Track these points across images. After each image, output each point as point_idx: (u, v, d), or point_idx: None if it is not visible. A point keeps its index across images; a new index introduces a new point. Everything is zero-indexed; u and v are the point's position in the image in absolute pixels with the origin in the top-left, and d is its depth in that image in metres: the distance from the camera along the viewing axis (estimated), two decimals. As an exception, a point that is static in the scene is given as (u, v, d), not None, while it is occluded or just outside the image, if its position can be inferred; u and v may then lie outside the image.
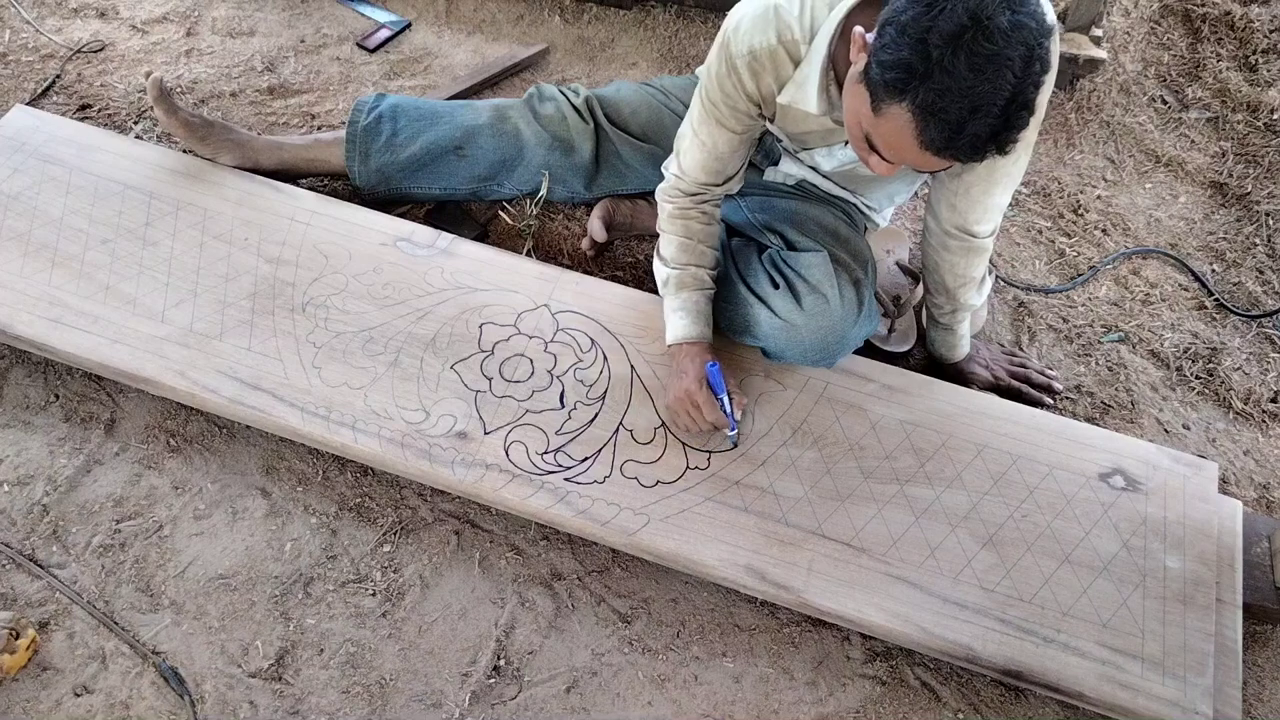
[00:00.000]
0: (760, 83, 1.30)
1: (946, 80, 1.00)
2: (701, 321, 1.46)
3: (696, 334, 1.45)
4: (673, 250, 1.47)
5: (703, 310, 1.47)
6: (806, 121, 1.34)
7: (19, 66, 2.05)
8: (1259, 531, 1.46)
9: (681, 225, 1.47)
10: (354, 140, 1.73)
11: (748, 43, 1.27)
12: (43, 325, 1.52)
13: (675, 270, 1.47)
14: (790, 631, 1.42)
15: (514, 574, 1.45)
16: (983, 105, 1.01)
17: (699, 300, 1.47)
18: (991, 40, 0.98)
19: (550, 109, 1.74)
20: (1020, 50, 1.00)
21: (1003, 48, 0.99)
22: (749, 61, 1.28)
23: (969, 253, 1.46)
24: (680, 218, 1.47)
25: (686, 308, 1.46)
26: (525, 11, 2.25)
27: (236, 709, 1.32)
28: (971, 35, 0.98)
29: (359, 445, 1.43)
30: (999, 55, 0.99)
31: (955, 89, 1.00)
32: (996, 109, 1.02)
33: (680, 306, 1.46)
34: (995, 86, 1.00)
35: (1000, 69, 1.00)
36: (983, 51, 0.99)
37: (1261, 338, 1.80)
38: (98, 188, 1.69)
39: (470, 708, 1.33)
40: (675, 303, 1.47)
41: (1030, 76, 1.02)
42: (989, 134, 1.04)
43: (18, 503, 1.47)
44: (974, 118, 1.02)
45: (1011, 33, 0.99)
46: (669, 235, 1.48)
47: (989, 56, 0.99)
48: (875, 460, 1.46)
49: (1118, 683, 1.29)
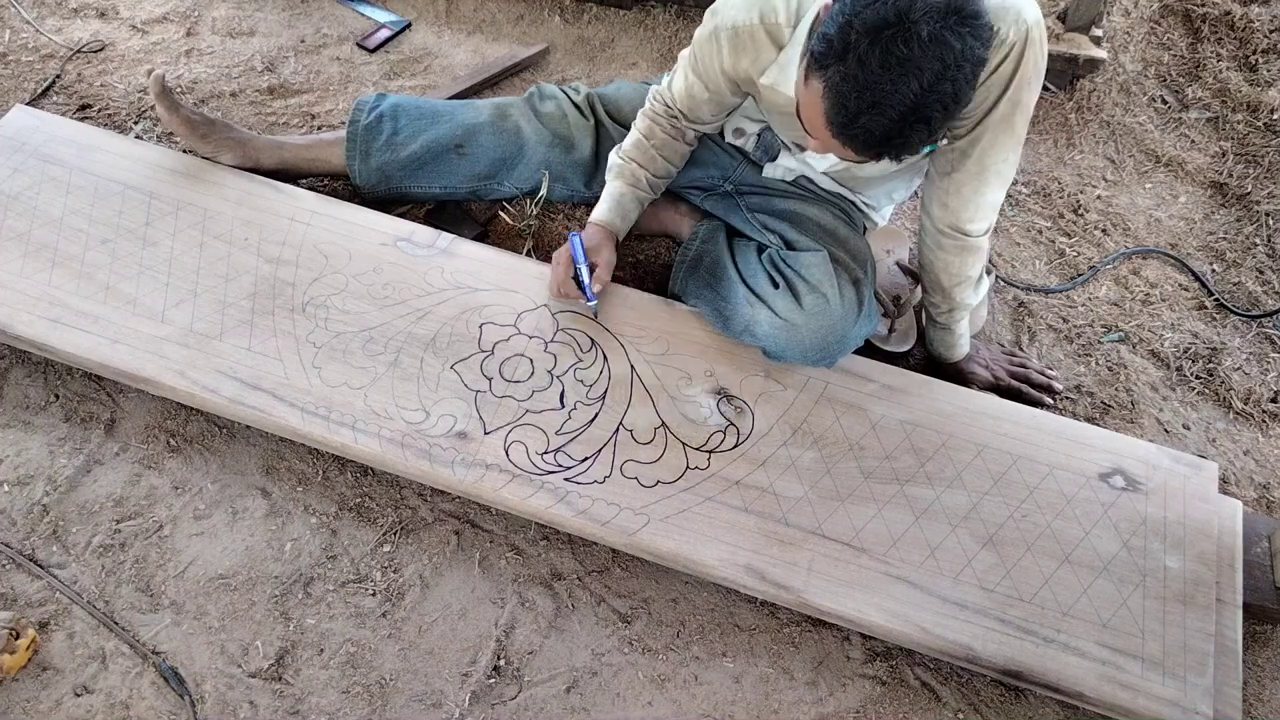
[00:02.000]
0: (737, 61, 1.34)
1: (856, 68, 1.03)
2: (615, 212, 1.56)
3: (604, 220, 1.56)
4: (629, 144, 1.58)
5: (622, 202, 1.56)
6: (788, 105, 1.36)
7: (19, 66, 2.05)
8: (1259, 531, 1.46)
9: (647, 125, 1.56)
10: (354, 139, 1.73)
11: (731, 18, 1.31)
12: (43, 325, 1.52)
13: (620, 161, 1.58)
14: (790, 631, 1.42)
15: (514, 574, 1.45)
16: (881, 103, 1.03)
17: (624, 193, 1.56)
18: (908, 44, 1.00)
19: (551, 107, 1.75)
20: (934, 65, 1.01)
21: (917, 56, 1.00)
22: (730, 36, 1.32)
23: (963, 251, 1.46)
24: (649, 118, 1.56)
25: (610, 195, 1.57)
26: (525, 11, 2.25)
27: (236, 709, 1.32)
28: (891, 34, 1.00)
29: (359, 445, 1.43)
30: (909, 61, 1.01)
31: (861, 78, 1.03)
32: (894, 112, 1.04)
33: (608, 194, 1.57)
34: (897, 90, 1.02)
35: (907, 75, 1.01)
36: (896, 53, 1.01)
37: (1261, 338, 1.80)
38: (98, 188, 1.69)
39: (470, 708, 1.33)
40: (608, 190, 1.58)
41: (936, 94, 1.03)
42: (881, 134, 1.06)
43: (18, 503, 1.47)
44: (870, 112, 1.04)
45: (930, 44, 1.00)
46: (634, 129, 1.58)
47: (900, 59, 1.01)
48: (875, 460, 1.46)
49: (1118, 683, 1.29)
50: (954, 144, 1.35)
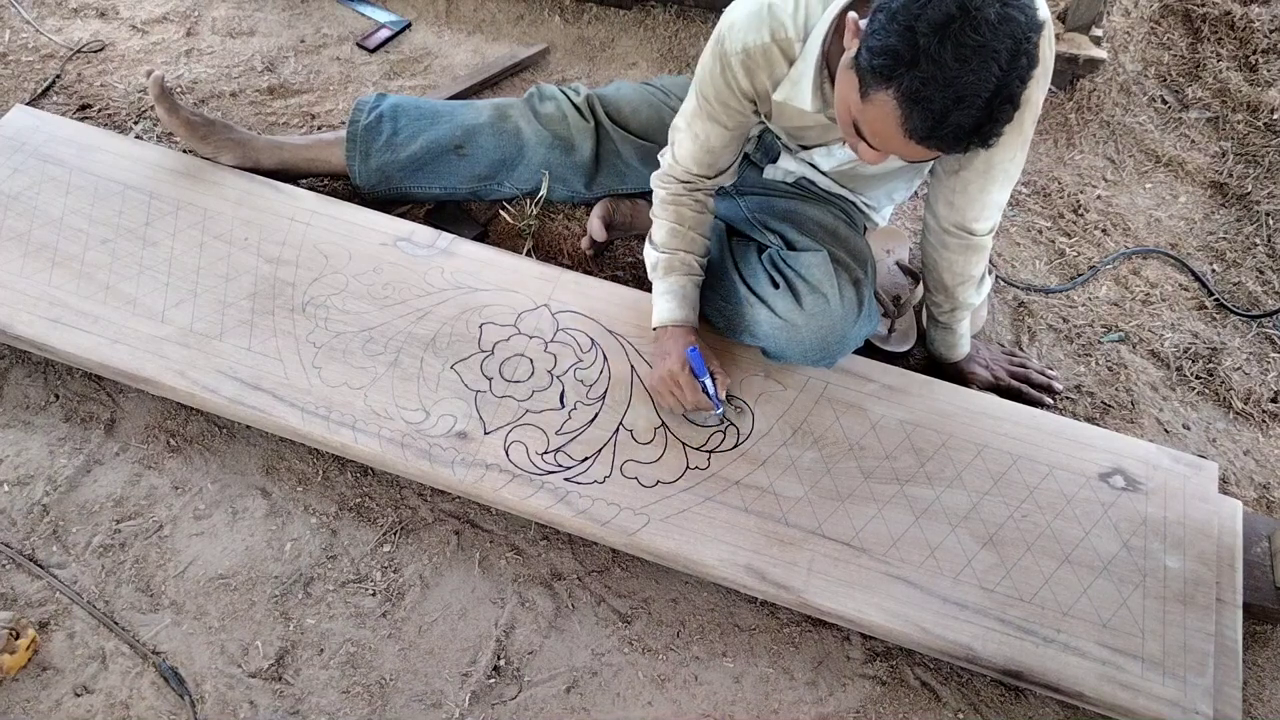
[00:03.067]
0: (754, 80, 1.31)
1: (932, 69, 1.01)
2: (686, 306, 1.48)
3: (681, 317, 1.47)
4: (663, 235, 1.49)
5: (688, 295, 1.49)
6: (802, 118, 1.35)
7: (19, 66, 2.05)
8: (1259, 531, 1.46)
9: (673, 211, 1.48)
10: (354, 139, 1.73)
11: (741, 41, 1.28)
12: (43, 325, 1.52)
13: (664, 255, 1.49)
14: (790, 631, 1.42)
15: (514, 574, 1.45)
16: (967, 96, 1.02)
17: (685, 285, 1.49)
18: (978, 31, 0.99)
19: (550, 108, 1.75)
20: (1007, 43, 1.00)
21: (989, 39, 0.99)
22: (743, 60, 1.29)
23: (967, 250, 1.46)
24: (672, 203, 1.48)
25: (673, 291, 1.48)
26: (525, 11, 2.25)
27: (236, 709, 1.32)
28: (959, 25, 0.99)
29: (359, 445, 1.43)
30: (985, 47, 0.99)
31: (940, 78, 1.01)
32: (981, 100, 1.02)
33: (667, 290, 1.48)
34: (980, 78, 1.01)
35: (986, 60, 1.00)
36: (969, 42, 0.99)
37: (1261, 338, 1.80)
38: (98, 188, 1.69)
39: (470, 708, 1.33)
40: (662, 286, 1.49)
41: (1016, 70, 1.02)
42: (972, 125, 1.05)
43: (18, 503, 1.47)
44: (958, 108, 1.03)
45: (999, 25, 0.99)
46: (660, 220, 1.50)
47: (975, 48, 0.99)
48: (875, 460, 1.46)
49: (1118, 683, 1.29)
50: None
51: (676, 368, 1.43)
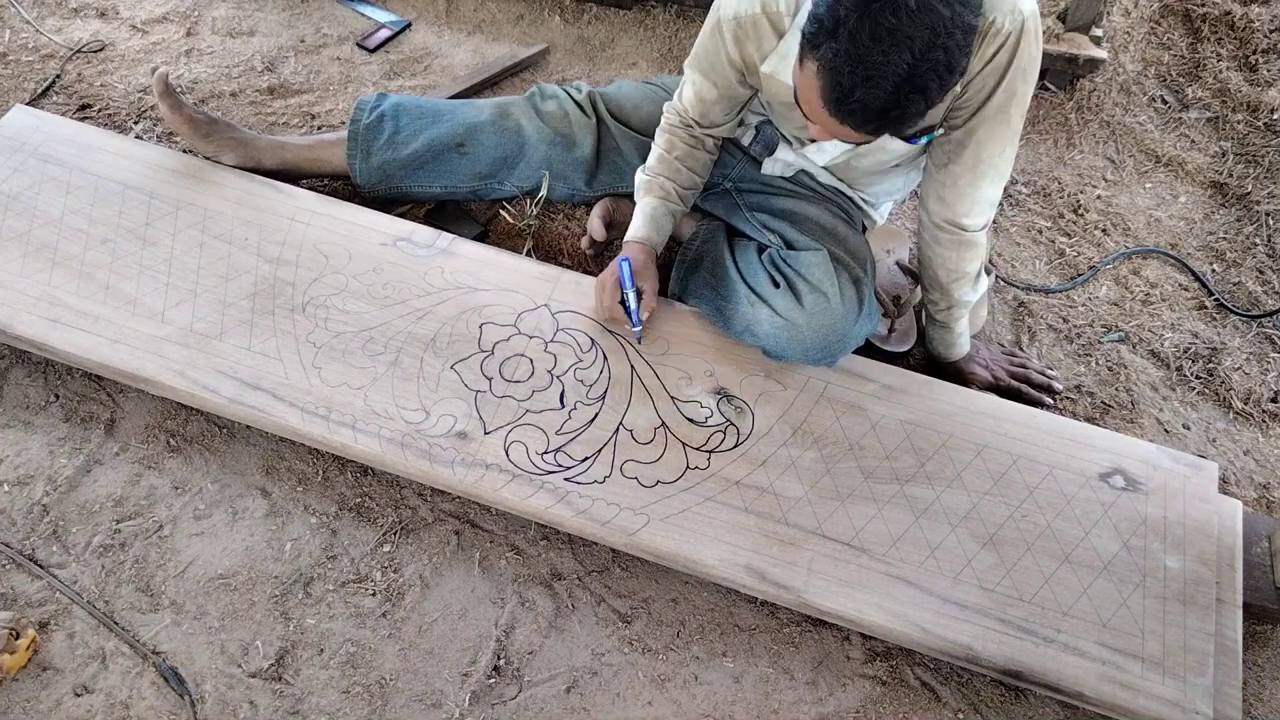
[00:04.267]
0: (743, 50, 1.35)
1: (848, 43, 1.04)
2: (649, 226, 1.54)
3: (641, 236, 1.54)
4: (653, 159, 1.57)
5: (656, 217, 1.55)
6: (789, 94, 1.36)
7: (19, 66, 2.05)
8: (1259, 531, 1.46)
9: (667, 139, 1.55)
10: (356, 138, 1.73)
11: (733, 9, 1.32)
12: (43, 325, 1.52)
13: (647, 177, 1.57)
14: (790, 631, 1.42)
15: (514, 574, 1.45)
16: (874, 76, 1.04)
17: (656, 207, 1.55)
18: (896, 15, 1.01)
19: (552, 106, 1.75)
20: (924, 33, 1.02)
21: (905, 25, 1.01)
22: (733, 27, 1.33)
23: (960, 246, 1.46)
24: (668, 132, 1.55)
25: (643, 210, 1.55)
26: (525, 11, 2.25)
27: (236, 709, 1.32)
28: (879, 5, 1.02)
29: (359, 445, 1.43)
30: (899, 31, 1.02)
31: (853, 53, 1.04)
32: (889, 84, 1.05)
33: (640, 209, 1.56)
34: (890, 60, 1.03)
35: (898, 44, 1.02)
36: (885, 24, 1.02)
37: (1261, 338, 1.80)
38: (98, 188, 1.69)
39: (470, 708, 1.33)
40: (638, 206, 1.57)
41: (929, 62, 1.04)
42: (878, 107, 1.07)
43: (18, 503, 1.47)
44: (865, 85, 1.05)
45: (918, 13, 1.01)
46: (655, 145, 1.57)
47: (890, 29, 1.02)
48: (875, 460, 1.46)
49: (1118, 683, 1.29)
50: (950, 135, 1.35)
51: (609, 273, 1.52)
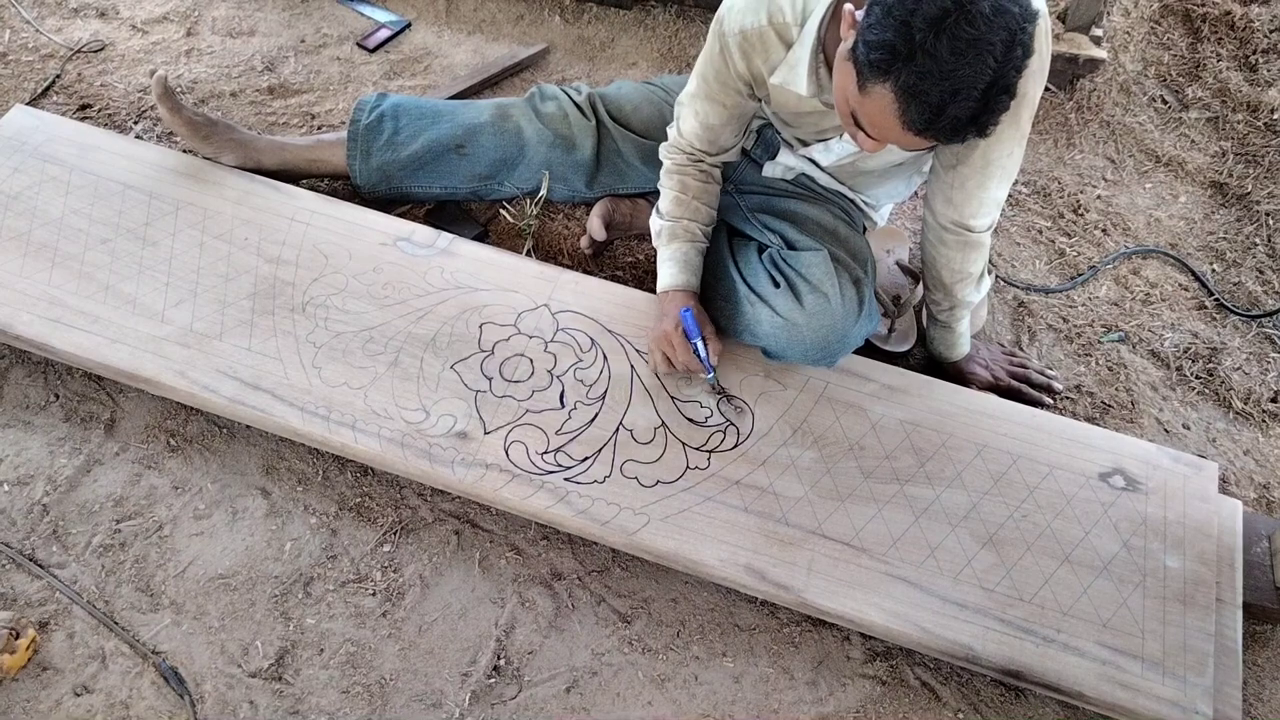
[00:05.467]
0: (750, 63, 1.34)
1: (928, 63, 1.02)
2: (688, 271, 1.51)
3: (682, 283, 1.50)
4: (668, 204, 1.53)
5: (690, 261, 1.52)
6: (799, 103, 1.37)
7: (19, 66, 2.05)
8: (1259, 531, 1.46)
9: (678, 180, 1.52)
10: (355, 138, 1.73)
11: (739, 23, 1.31)
12: (43, 325, 1.52)
13: (668, 223, 1.52)
14: (790, 631, 1.42)
15: (514, 574, 1.45)
16: (963, 89, 1.03)
17: (688, 251, 1.52)
18: (973, 25, 1.00)
19: (552, 107, 1.75)
20: (1002, 35, 1.01)
21: (984, 32, 1.00)
22: (740, 41, 1.32)
23: (965, 247, 1.46)
24: (677, 173, 1.52)
25: (675, 258, 1.51)
26: (525, 11, 2.25)
27: (236, 709, 1.32)
28: (954, 19, 1.00)
29: (359, 445, 1.43)
30: (980, 40, 1.01)
31: (936, 72, 1.02)
32: (977, 93, 1.04)
33: (670, 257, 1.52)
34: (976, 70, 1.02)
35: (981, 53, 1.01)
36: (964, 36, 1.00)
37: (1261, 338, 1.80)
38: (98, 188, 1.69)
39: (470, 708, 1.33)
40: (666, 253, 1.53)
41: (1011, 61, 1.03)
42: (969, 117, 1.06)
43: (18, 503, 1.47)
44: (954, 100, 1.04)
45: (994, 18, 1.00)
46: (666, 189, 1.53)
47: (970, 41, 1.00)
48: (875, 460, 1.46)
49: (1118, 682, 1.29)
50: None
51: (670, 327, 1.47)
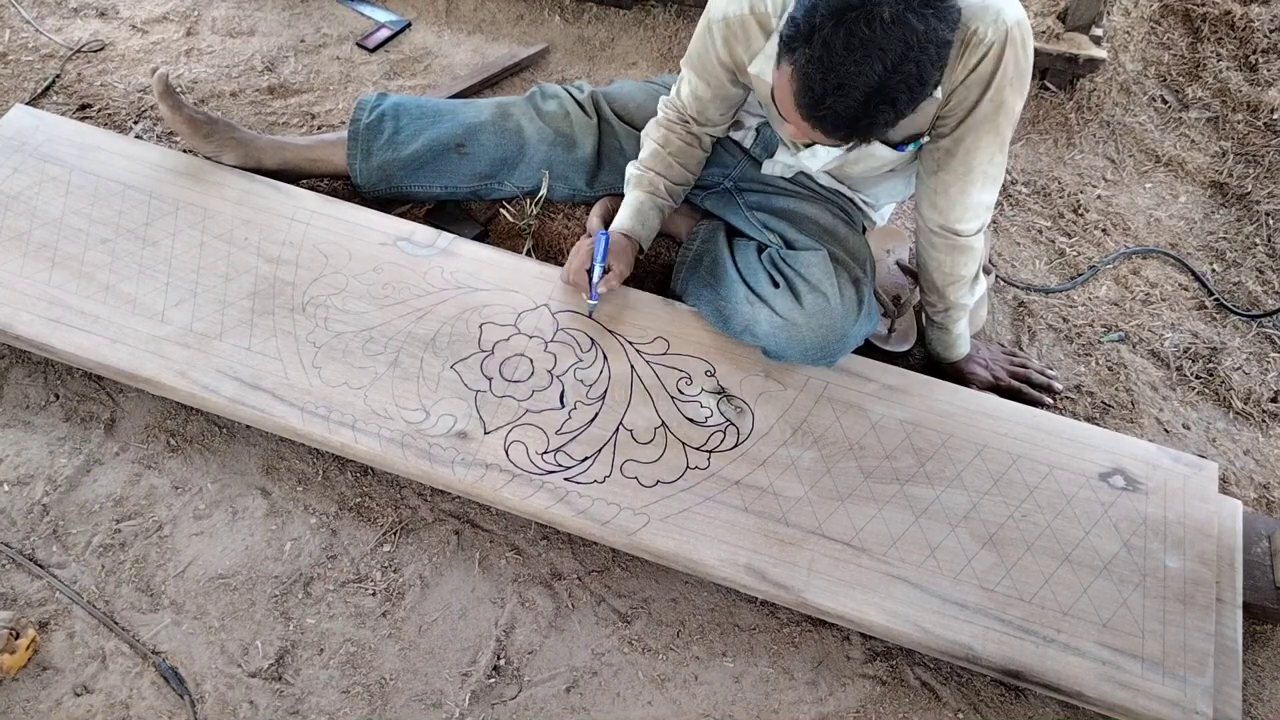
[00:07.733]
0: (732, 50, 1.36)
1: (821, 50, 1.05)
2: (636, 220, 1.55)
3: (626, 228, 1.55)
4: (645, 154, 1.58)
5: (642, 211, 1.56)
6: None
7: (19, 66, 2.05)
8: (1259, 531, 1.46)
9: (663, 134, 1.56)
10: (356, 138, 1.73)
11: (722, 10, 1.33)
12: (43, 325, 1.52)
13: (637, 171, 1.58)
14: (790, 631, 1.42)
15: (514, 574, 1.45)
16: (846, 85, 1.06)
17: (644, 202, 1.56)
18: (870, 26, 1.02)
19: (553, 106, 1.75)
20: (897, 45, 1.03)
21: (879, 37, 1.03)
22: (722, 28, 1.34)
23: (954, 251, 1.46)
24: (664, 127, 1.56)
25: (631, 204, 1.57)
26: (525, 11, 2.25)
27: (236, 709, 1.32)
28: (854, 15, 1.03)
29: (359, 445, 1.43)
30: (873, 42, 1.03)
31: (826, 61, 1.05)
32: (859, 94, 1.06)
33: (627, 203, 1.58)
34: (862, 70, 1.04)
35: (870, 55, 1.03)
36: (859, 34, 1.03)
37: (1261, 338, 1.80)
38: (98, 187, 1.69)
39: (470, 708, 1.33)
40: (627, 198, 1.58)
41: (900, 75, 1.05)
42: (849, 116, 1.09)
43: (18, 503, 1.47)
44: (835, 93, 1.07)
45: (892, 26, 1.02)
46: (648, 140, 1.58)
47: (864, 40, 1.03)
48: (875, 460, 1.46)
49: (1118, 682, 1.29)
50: (938, 143, 1.35)
51: (586, 242, 1.55)
